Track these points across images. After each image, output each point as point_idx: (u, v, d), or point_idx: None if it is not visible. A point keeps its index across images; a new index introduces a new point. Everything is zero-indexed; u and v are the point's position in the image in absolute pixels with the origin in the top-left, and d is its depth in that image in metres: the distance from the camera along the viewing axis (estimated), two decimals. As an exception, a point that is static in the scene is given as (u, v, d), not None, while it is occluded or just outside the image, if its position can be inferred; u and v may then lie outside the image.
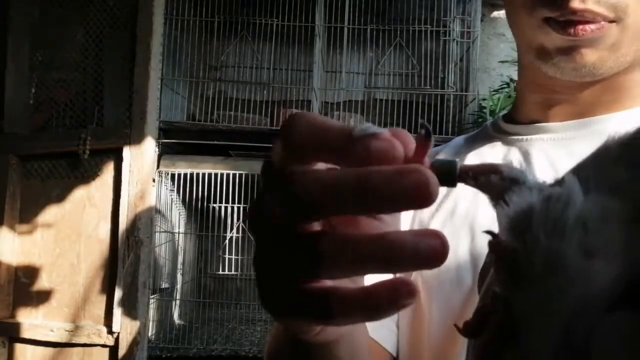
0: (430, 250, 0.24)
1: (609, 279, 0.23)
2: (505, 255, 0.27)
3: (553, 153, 0.60)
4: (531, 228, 0.25)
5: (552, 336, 0.24)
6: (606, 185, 0.25)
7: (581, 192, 0.25)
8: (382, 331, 0.60)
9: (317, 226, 0.28)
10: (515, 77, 0.72)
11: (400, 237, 0.25)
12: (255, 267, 0.29)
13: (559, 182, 0.27)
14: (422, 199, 0.24)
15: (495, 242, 0.28)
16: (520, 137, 0.63)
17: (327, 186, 0.25)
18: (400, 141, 0.25)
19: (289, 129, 0.26)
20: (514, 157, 0.62)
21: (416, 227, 0.63)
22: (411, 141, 0.27)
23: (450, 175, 0.27)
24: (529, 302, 0.25)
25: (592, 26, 0.53)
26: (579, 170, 0.28)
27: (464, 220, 0.58)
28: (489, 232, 0.28)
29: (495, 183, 0.28)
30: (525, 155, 0.61)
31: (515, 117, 0.67)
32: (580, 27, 0.53)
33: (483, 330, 0.28)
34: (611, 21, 0.54)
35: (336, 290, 0.26)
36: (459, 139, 0.73)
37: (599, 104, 0.60)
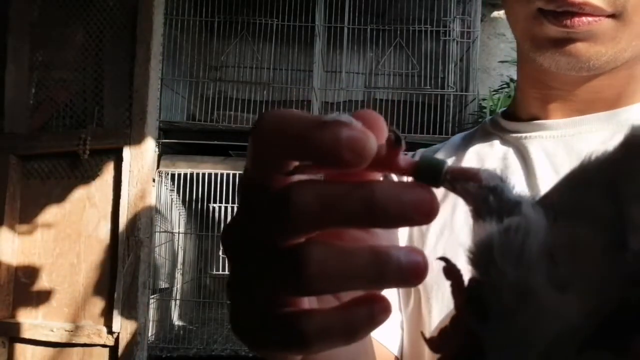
0: (414, 265, 0.24)
1: (582, 315, 0.22)
2: (469, 287, 0.26)
3: (552, 151, 0.58)
4: (493, 261, 0.24)
5: None
6: (578, 212, 0.24)
7: (544, 220, 0.24)
8: (387, 333, 0.60)
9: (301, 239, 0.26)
10: (515, 77, 0.70)
11: (390, 251, 0.24)
12: (229, 292, 0.28)
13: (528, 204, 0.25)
14: (425, 216, 0.23)
15: (448, 268, 0.27)
16: (518, 134, 0.62)
17: (327, 201, 0.23)
18: (371, 126, 0.24)
19: (258, 128, 0.25)
20: (512, 156, 0.61)
21: (415, 234, 0.63)
22: (384, 127, 0.25)
23: (435, 175, 0.26)
24: (496, 337, 0.24)
25: (589, 18, 0.52)
26: (549, 195, 0.26)
27: (464, 224, 0.58)
28: (442, 259, 0.27)
29: (473, 191, 0.26)
30: (524, 153, 0.60)
31: (514, 114, 0.66)
32: (577, 18, 0.52)
33: (446, 348, 0.27)
34: (610, 15, 0.52)
35: (314, 311, 0.25)
36: (457, 137, 0.72)
37: (599, 100, 0.59)
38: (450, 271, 0.27)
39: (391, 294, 0.62)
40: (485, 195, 0.26)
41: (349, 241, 0.28)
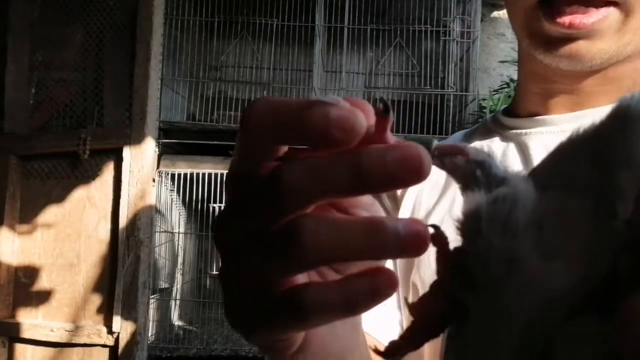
0: (414, 234, 0.23)
1: (571, 281, 0.22)
2: (454, 256, 0.25)
3: (552, 146, 0.57)
4: (481, 231, 0.23)
5: (510, 343, 0.23)
6: (566, 182, 0.24)
7: (533, 190, 0.24)
8: (385, 331, 0.59)
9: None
10: (515, 77, 0.69)
11: (385, 220, 0.23)
12: (223, 284, 0.28)
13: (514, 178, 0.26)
14: (414, 172, 0.22)
15: (435, 235, 0.26)
16: (519, 130, 0.61)
17: (317, 171, 0.23)
18: (360, 110, 0.23)
19: (247, 118, 0.24)
20: (512, 152, 0.60)
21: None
22: (371, 110, 0.25)
23: None
24: (482, 304, 0.24)
25: (591, 19, 0.49)
26: (537, 169, 0.27)
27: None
28: (432, 226, 0.27)
29: (461, 165, 0.26)
30: (524, 149, 0.59)
31: (515, 110, 0.65)
32: (578, 20, 0.49)
33: (422, 313, 0.27)
34: (614, 3, 0.49)
35: (311, 283, 0.25)
36: (458, 134, 0.71)
37: (600, 93, 0.57)
38: (437, 238, 0.26)
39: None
40: (473, 170, 0.26)
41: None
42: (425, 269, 0.57)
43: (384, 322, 0.59)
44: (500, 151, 0.61)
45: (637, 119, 0.22)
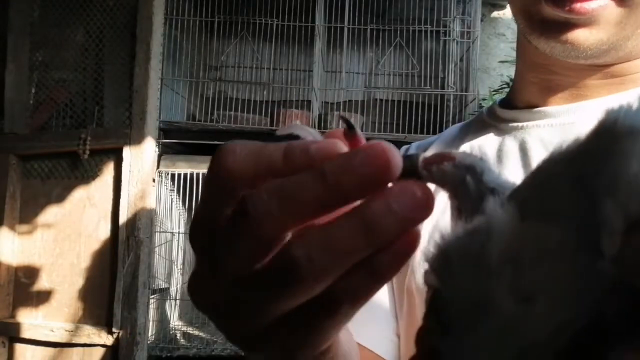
0: (415, 199, 0.22)
1: (551, 327, 0.19)
2: (431, 296, 0.23)
3: (552, 141, 0.53)
4: (451, 268, 0.21)
5: None
6: (547, 209, 0.20)
7: (511, 219, 0.21)
8: (382, 342, 0.57)
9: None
10: None
11: (371, 206, 0.22)
12: (218, 323, 0.26)
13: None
14: (383, 171, 0.21)
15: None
16: (516, 124, 0.57)
17: (285, 193, 0.22)
18: (332, 142, 0.22)
19: (222, 161, 0.23)
20: (508, 147, 0.56)
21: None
22: (339, 139, 0.24)
23: (412, 167, 0.24)
24: (455, 353, 0.21)
25: (594, 4, 0.46)
26: (518, 190, 0.23)
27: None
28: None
29: (450, 172, 0.24)
30: (522, 144, 0.56)
31: (512, 101, 0.61)
32: (579, 4, 0.46)
33: None
34: None
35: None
36: (453, 128, 0.68)
37: (602, 86, 0.54)
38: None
39: (383, 300, 0.59)
40: (462, 175, 0.24)
41: None
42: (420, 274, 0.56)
43: (377, 333, 0.57)
44: (495, 146, 0.58)
45: (623, 136, 0.19)
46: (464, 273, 0.21)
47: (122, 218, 2.23)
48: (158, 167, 2.34)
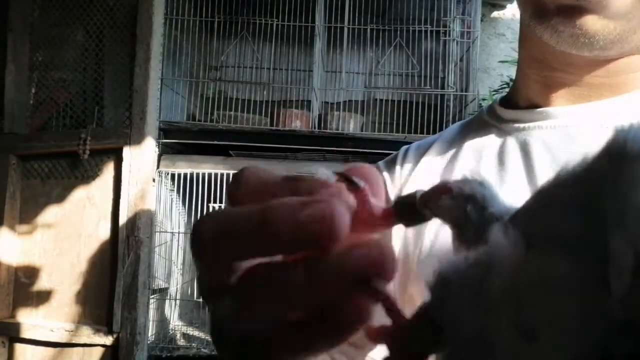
0: (368, 260, 0.20)
1: None
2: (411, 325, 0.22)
3: (554, 143, 0.52)
4: (448, 298, 0.20)
5: None
6: (551, 238, 0.19)
7: (514, 248, 0.19)
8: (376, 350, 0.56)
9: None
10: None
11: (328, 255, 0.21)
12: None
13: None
14: (324, 236, 0.20)
15: (373, 290, 0.21)
16: (517, 124, 0.56)
17: (227, 231, 0.22)
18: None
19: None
20: (511, 148, 0.55)
21: (410, 234, 0.57)
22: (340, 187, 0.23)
23: (411, 209, 0.23)
24: None
25: None
26: (521, 215, 0.21)
27: None
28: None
29: (449, 206, 0.22)
30: (523, 146, 0.54)
31: (513, 100, 0.60)
32: None
33: None
34: None
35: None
36: (453, 127, 0.66)
37: (605, 86, 0.53)
38: (376, 294, 0.22)
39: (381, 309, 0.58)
40: (462, 206, 0.22)
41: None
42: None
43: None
44: (496, 148, 0.57)
45: (633, 159, 0.17)
46: (459, 304, 0.20)
47: (122, 218, 2.23)
48: (158, 167, 2.34)
